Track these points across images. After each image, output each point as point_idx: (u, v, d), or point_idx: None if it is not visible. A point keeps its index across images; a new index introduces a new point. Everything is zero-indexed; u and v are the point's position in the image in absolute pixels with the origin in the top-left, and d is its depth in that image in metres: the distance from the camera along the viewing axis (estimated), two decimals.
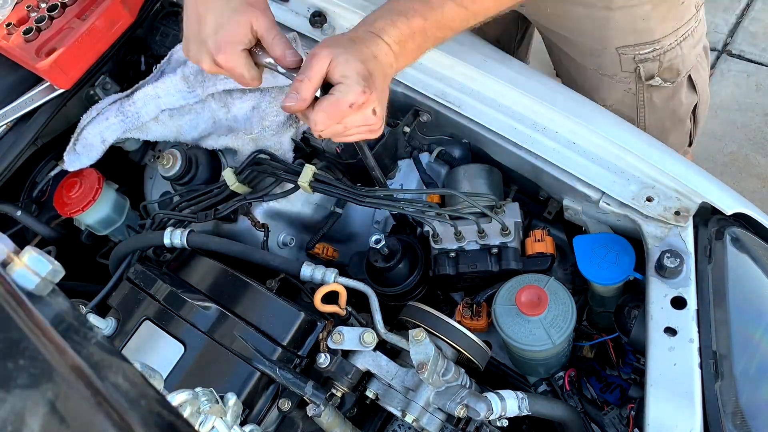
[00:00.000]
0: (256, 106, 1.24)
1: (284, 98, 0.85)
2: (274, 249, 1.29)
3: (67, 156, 1.32)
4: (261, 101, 1.25)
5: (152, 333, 1.09)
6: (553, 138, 1.14)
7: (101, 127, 1.29)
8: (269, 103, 1.24)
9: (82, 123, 1.31)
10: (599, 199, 1.10)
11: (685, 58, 1.36)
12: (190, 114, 1.30)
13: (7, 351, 0.49)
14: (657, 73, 1.35)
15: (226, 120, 1.27)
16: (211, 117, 1.29)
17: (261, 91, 1.25)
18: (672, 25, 1.29)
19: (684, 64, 1.36)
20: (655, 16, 1.26)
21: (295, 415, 1.04)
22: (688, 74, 1.40)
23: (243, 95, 1.26)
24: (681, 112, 1.48)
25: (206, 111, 1.28)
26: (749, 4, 2.84)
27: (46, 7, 1.30)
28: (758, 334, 0.98)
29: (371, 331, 1.02)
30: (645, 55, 1.31)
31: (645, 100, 1.41)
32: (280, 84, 1.24)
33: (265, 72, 0.96)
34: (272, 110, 1.23)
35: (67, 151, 1.32)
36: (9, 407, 0.44)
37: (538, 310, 1.03)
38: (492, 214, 1.14)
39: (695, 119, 1.53)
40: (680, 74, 1.38)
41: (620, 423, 1.10)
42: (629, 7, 1.23)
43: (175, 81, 1.26)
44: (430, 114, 1.25)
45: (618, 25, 1.27)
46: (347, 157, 1.23)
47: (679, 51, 1.33)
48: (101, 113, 1.30)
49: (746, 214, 1.07)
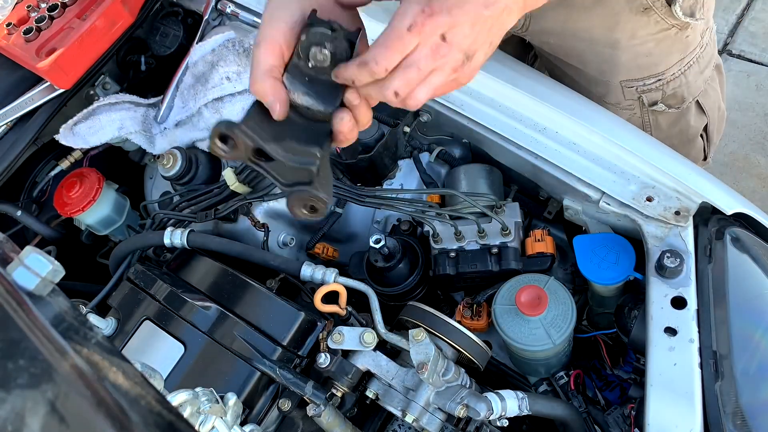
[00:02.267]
0: (246, 107, 1.25)
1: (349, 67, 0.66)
2: (274, 249, 1.29)
3: (64, 130, 1.31)
4: (250, 101, 1.25)
5: (152, 333, 1.09)
6: (554, 138, 1.14)
7: (121, 115, 1.31)
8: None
9: (97, 104, 1.32)
10: (599, 199, 1.10)
11: (690, 86, 1.34)
12: (187, 124, 1.31)
13: (7, 351, 0.49)
14: (660, 100, 1.34)
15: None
16: (206, 125, 1.30)
17: (249, 91, 1.26)
18: (676, 57, 1.29)
19: (689, 91, 1.35)
20: (658, 52, 1.25)
21: (295, 415, 1.04)
22: (695, 99, 1.39)
23: (233, 98, 1.26)
24: (690, 133, 1.46)
25: (201, 121, 1.29)
26: (749, 4, 2.85)
27: (46, 7, 1.30)
28: (758, 334, 0.97)
29: (371, 331, 1.02)
30: (648, 86, 1.31)
31: (651, 122, 1.40)
32: None
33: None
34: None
35: (67, 125, 1.31)
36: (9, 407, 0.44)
37: (538, 310, 1.03)
38: (492, 214, 1.14)
39: (708, 136, 1.51)
40: (685, 101, 1.37)
41: (624, 423, 1.09)
42: (632, 45, 1.23)
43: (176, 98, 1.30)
44: (431, 114, 1.25)
45: (621, 62, 1.27)
46: (347, 157, 1.23)
47: (684, 80, 1.32)
48: (120, 103, 1.32)
49: (746, 214, 1.07)
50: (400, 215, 1.31)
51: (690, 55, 1.30)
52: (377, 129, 1.21)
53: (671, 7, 1.18)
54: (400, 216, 1.33)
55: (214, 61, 1.28)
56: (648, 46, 1.24)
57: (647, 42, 1.23)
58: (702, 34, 1.30)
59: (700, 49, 1.31)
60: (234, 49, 1.27)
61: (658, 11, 1.19)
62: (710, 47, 1.36)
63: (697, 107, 1.41)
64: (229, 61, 1.26)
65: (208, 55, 1.29)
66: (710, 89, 1.43)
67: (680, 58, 1.29)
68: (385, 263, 1.18)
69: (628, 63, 1.27)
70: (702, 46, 1.32)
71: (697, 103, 1.40)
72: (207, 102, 1.26)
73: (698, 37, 1.29)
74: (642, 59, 1.26)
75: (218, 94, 1.25)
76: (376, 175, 1.30)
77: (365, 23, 0.76)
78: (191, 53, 1.33)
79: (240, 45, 1.27)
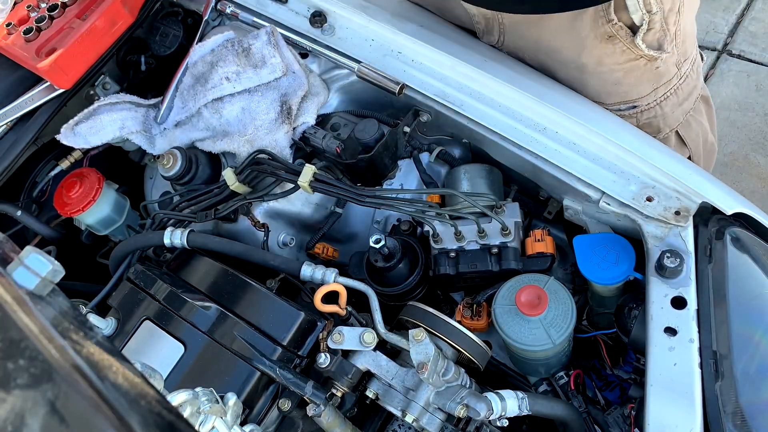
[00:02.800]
0: (246, 107, 1.25)
1: None
2: (274, 249, 1.29)
3: (65, 130, 1.31)
4: (249, 101, 1.25)
5: (152, 333, 1.09)
6: (554, 138, 1.14)
7: (122, 115, 1.31)
8: (258, 102, 1.24)
9: (98, 104, 1.32)
10: (599, 199, 1.10)
11: (667, 117, 1.31)
12: (187, 125, 1.31)
13: (7, 351, 0.49)
14: (637, 125, 1.31)
15: (220, 125, 1.28)
16: (205, 126, 1.30)
17: (249, 91, 1.26)
18: (647, 87, 1.26)
19: (666, 122, 1.32)
20: (627, 81, 1.23)
21: (295, 415, 1.04)
22: (674, 130, 1.35)
23: (232, 98, 1.26)
24: None
25: (201, 122, 1.29)
26: (749, 4, 2.85)
27: (46, 6, 1.30)
28: (758, 334, 0.97)
29: (371, 331, 1.02)
30: (621, 112, 1.28)
31: None
32: (264, 81, 1.24)
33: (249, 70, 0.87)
34: (261, 108, 1.24)
35: (68, 125, 1.31)
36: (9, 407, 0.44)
37: (538, 310, 1.03)
38: (492, 213, 1.14)
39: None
40: (662, 131, 1.34)
41: (624, 423, 1.09)
42: (600, 72, 1.21)
43: (176, 98, 1.30)
44: (430, 114, 1.25)
45: (591, 86, 1.25)
46: (347, 157, 1.23)
47: (659, 111, 1.29)
48: (121, 103, 1.32)
49: (746, 214, 1.07)
50: (400, 215, 1.31)
51: (665, 86, 1.27)
52: (377, 129, 1.21)
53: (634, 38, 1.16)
54: (400, 216, 1.33)
55: (214, 62, 1.28)
56: (616, 75, 1.22)
57: (615, 71, 1.21)
58: (678, 65, 1.26)
59: (678, 80, 1.28)
60: (233, 49, 1.27)
61: (623, 40, 1.16)
62: (692, 78, 1.32)
63: (677, 138, 1.38)
64: (229, 61, 1.26)
65: (208, 55, 1.30)
66: (693, 121, 1.39)
67: (653, 89, 1.26)
68: (385, 263, 1.18)
69: (597, 87, 1.25)
70: (681, 77, 1.28)
71: (677, 134, 1.37)
72: (207, 102, 1.27)
73: (672, 68, 1.25)
74: (611, 86, 1.24)
75: (218, 94, 1.25)
76: (376, 175, 1.30)
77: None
78: (191, 54, 1.33)
79: (239, 45, 1.27)
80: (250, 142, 1.23)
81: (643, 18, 1.13)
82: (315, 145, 1.26)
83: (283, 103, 1.24)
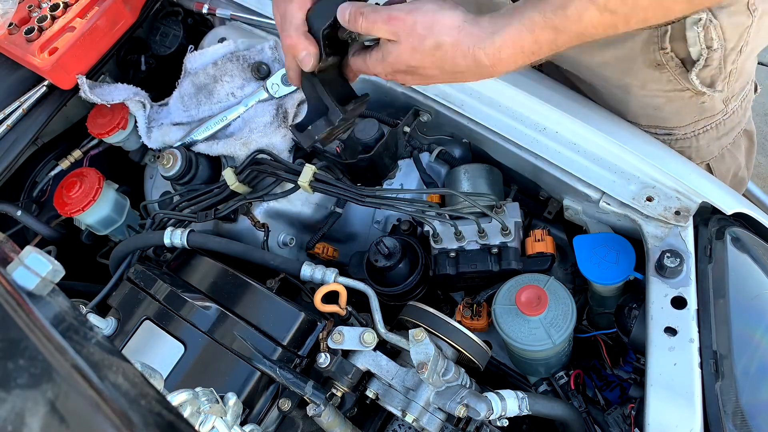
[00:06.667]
0: (246, 117, 1.28)
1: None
2: (274, 249, 1.29)
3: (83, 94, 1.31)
4: (254, 114, 1.27)
5: (152, 333, 1.09)
6: (554, 138, 1.14)
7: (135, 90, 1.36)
8: (254, 107, 1.27)
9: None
10: (599, 199, 1.10)
11: (701, 150, 1.26)
12: (185, 126, 1.31)
13: (7, 351, 0.49)
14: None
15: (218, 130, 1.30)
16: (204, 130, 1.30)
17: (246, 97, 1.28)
18: (688, 118, 1.21)
19: (698, 153, 1.27)
20: (669, 108, 1.19)
21: (295, 415, 1.04)
22: (705, 163, 1.31)
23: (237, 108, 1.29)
24: None
25: (201, 127, 1.30)
26: None
27: (47, 6, 1.30)
28: (758, 334, 0.98)
29: (371, 331, 1.02)
30: (657, 135, 1.24)
31: None
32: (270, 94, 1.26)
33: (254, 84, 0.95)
34: (257, 112, 1.25)
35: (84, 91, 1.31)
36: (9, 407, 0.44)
37: (538, 310, 1.03)
38: (492, 213, 1.14)
39: None
40: (692, 161, 1.27)
41: (624, 423, 1.10)
42: (642, 95, 1.17)
43: (174, 99, 1.29)
44: (431, 114, 1.25)
45: (632, 107, 1.21)
46: (347, 157, 1.23)
47: (694, 142, 1.24)
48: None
49: (746, 213, 1.07)
50: (400, 215, 1.31)
51: (707, 120, 1.22)
52: (377, 129, 1.21)
53: (688, 73, 1.10)
54: (400, 216, 1.33)
55: (217, 76, 1.29)
56: (658, 100, 1.17)
57: (657, 96, 1.16)
58: (726, 102, 1.21)
59: (722, 115, 1.23)
60: (238, 63, 1.29)
61: (672, 71, 1.11)
62: (738, 114, 1.27)
63: (707, 169, 1.32)
64: (234, 75, 1.28)
65: (210, 67, 1.30)
66: (728, 155, 1.33)
67: (694, 121, 1.21)
68: (385, 263, 1.18)
69: (636, 110, 1.21)
70: (726, 113, 1.23)
71: (707, 166, 1.31)
72: (213, 114, 1.29)
73: (719, 104, 1.20)
74: (650, 110, 1.20)
75: (224, 108, 1.29)
76: (376, 175, 1.30)
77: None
78: (190, 59, 1.33)
79: (244, 60, 1.29)
80: (246, 146, 1.23)
81: (701, 53, 1.07)
82: (315, 146, 1.26)
83: (279, 106, 1.25)
